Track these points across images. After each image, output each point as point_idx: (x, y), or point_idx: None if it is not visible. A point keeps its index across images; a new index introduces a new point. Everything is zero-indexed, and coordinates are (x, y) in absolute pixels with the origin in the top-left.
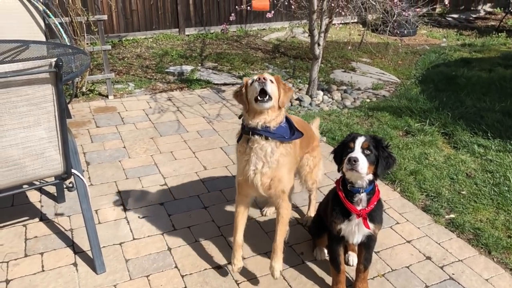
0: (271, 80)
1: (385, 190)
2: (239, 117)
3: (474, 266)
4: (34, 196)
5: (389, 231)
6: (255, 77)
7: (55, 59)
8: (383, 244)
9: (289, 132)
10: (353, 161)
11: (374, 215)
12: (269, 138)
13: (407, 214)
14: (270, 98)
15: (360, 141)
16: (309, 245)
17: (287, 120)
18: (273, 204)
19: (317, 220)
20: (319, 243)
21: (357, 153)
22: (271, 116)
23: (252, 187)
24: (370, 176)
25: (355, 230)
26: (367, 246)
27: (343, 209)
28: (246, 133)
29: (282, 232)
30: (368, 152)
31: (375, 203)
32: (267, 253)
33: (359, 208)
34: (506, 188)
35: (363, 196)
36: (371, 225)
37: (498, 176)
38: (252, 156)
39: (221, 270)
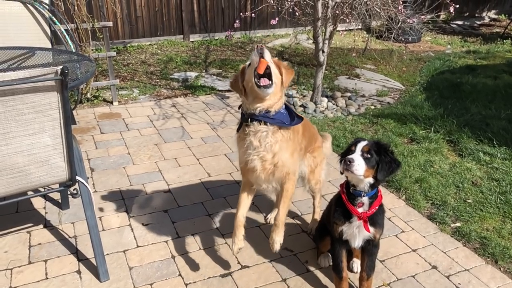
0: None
1: (390, 198)
2: (239, 108)
3: (481, 276)
4: (38, 203)
5: (394, 240)
6: (253, 58)
7: (61, 67)
8: (388, 252)
9: (289, 118)
10: (348, 162)
11: (376, 219)
12: (268, 123)
13: (412, 223)
14: (272, 83)
15: (361, 145)
16: (314, 254)
17: (286, 107)
18: (277, 189)
19: (320, 227)
20: (322, 246)
21: (355, 155)
22: (272, 101)
23: (253, 173)
24: (371, 180)
25: (356, 233)
26: (370, 253)
27: (345, 211)
28: (245, 120)
29: (285, 206)
30: (368, 155)
31: (377, 207)
32: (271, 262)
33: (360, 211)
34: None
35: (365, 199)
36: (371, 228)
37: (504, 184)
38: (247, 141)
39: (225, 278)
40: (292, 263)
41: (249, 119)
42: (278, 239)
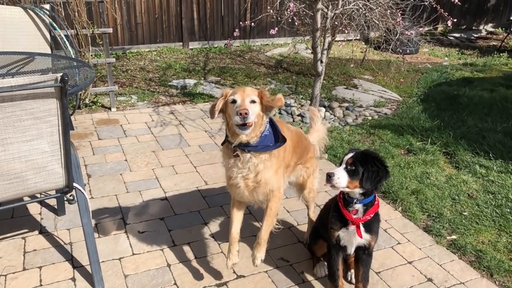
0: (253, 101)
1: (386, 210)
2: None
3: None
4: (34, 208)
5: (390, 252)
6: (237, 97)
7: (61, 74)
8: (384, 264)
9: (274, 138)
10: (328, 176)
11: (371, 226)
12: (251, 151)
13: (408, 234)
14: (251, 124)
15: (347, 157)
16: (310, 264)
17: (272, 123)
18: (263, 204)
19: (314, 231)
20: (316, 249)
21: (338, 169)
22: (250, 135)
23: (236, 189)
24: (359, 190)
25: (352, 239)
26: (364, 263)
27: (341, 216)
28: (229, 143)
29: (268, 224)
30: (352, 167)
31: (371, 215)
32: (267, 271)
33: (355, 217)
34: (508, 210)
35: (359, 206)
36: (366, 235)
37: (500, 197)
38: (231, 160)
39: None
40: (288, 273)
41: (232, 145)
42: (259, 256)
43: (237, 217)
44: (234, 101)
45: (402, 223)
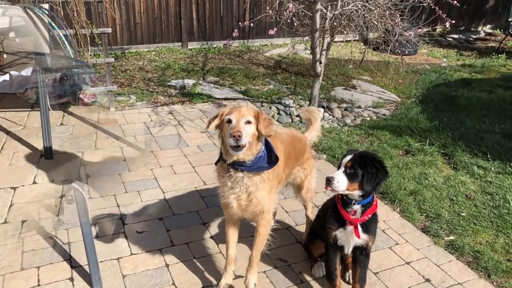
0: (248, 121)
1: (384, 210)
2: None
3: None
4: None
5: (388, 252)
6: (232, 117)
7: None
8: (382, 265)
9: (267, 159)
10: (328, 180)
11: (369, 226)
12: (245, 171)
13: (406, 235)
14: (244, 146)
15: (345, 160)
16: (308, 264)
17: (267, 144)
18: (253, 221)
19: (311, 231)
20: (314, 250)
21: (337, 172)
22: (245, 154)
23: (228, 208)
24: (358, 192)
25: (350, 239)
26: (362, 264)
27: (339, 217)
28: (224, 161)
29: (258, 248)
30: (351, 170)
31: (369, 215)
32: (266, 272)
33: (353, 217)
34: (506, 211)
35: (357, 207)
36: (364, 235)
37: (497, 198)
38: (226, 181)
39: None
40: (286, 273)
41: (226, 163)
42: (252, 279)
43: (233, 238)
44: (229, 121)
45: (400, 223)
